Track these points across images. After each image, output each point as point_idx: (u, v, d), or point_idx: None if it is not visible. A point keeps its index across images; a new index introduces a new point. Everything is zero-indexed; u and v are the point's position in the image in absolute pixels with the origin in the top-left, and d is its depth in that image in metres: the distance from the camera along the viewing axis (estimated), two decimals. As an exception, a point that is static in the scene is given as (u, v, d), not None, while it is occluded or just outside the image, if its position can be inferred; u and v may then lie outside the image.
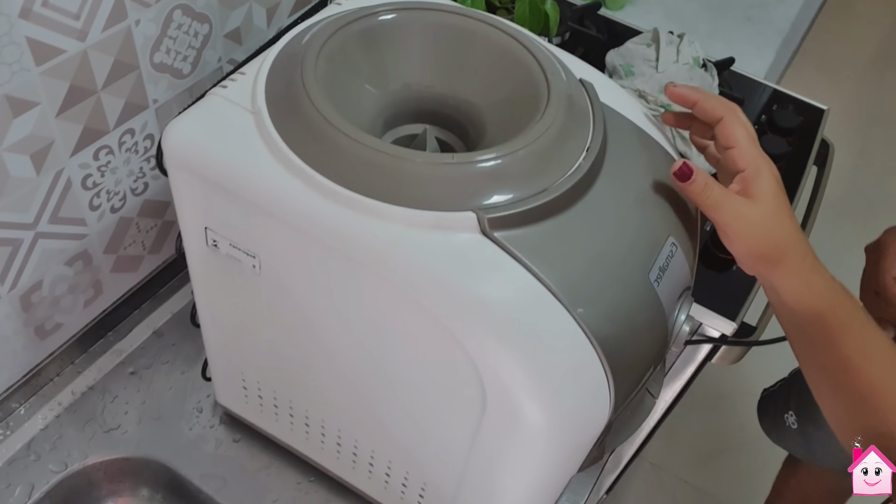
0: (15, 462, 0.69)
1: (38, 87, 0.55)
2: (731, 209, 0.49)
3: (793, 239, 0.50)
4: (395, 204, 0.44)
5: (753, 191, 0.49)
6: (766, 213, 0.49)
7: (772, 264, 0.50)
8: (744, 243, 0.50)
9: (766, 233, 0.49)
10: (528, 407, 0.47)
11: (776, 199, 0.50)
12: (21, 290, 0.64)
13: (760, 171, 0.50)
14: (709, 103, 0.51)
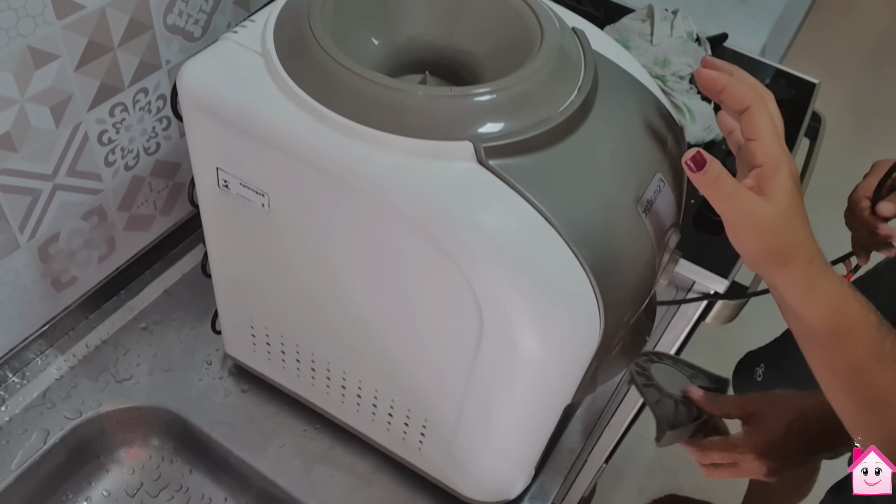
0: (31, 409, 0.72)
1: (59, 40, 0.58)
2: (742, 205, 0.47)
3: (802, 242, 0.48)
4: (395, 134, 0.47)
5: (768, 188, 0.47)
6: (777, 214, 0.47)
7: (777, 266, 0.49)
8: (750, 242, 0.48)
9: (776, 234, 0.47)
10: (522, 329, 0.49)
11: (791, 199, 0.47)
12: (39, 241, 0.67)
13: (779, 168, 0.47)
14: (738, 89, 0.48)
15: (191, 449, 0.76)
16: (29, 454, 0.69)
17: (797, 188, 0.48)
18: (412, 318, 0.55)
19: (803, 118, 1.05)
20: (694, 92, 0.98)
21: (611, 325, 0.51)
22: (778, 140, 0.48)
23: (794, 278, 0.49)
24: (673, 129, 0.57)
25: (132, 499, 0.75)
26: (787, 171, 0.47)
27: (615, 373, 0.61)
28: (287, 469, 0.71)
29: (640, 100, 0.56)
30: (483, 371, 0.54)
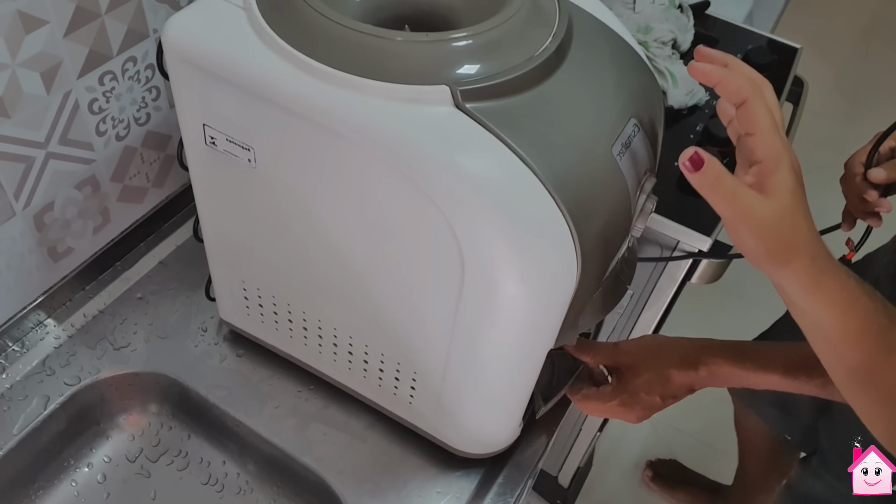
0: (31, 377, 0.73)
1: (48, 4, 0.60)
2: (742, 205, 0.45)
3: (804, 240, 0.47)
4: (374, 79, 0.48)
5: (768, 185, 0.46)
6: (778, 212, 0.46)
7: (780, 265, 0.48)
8: (752, 241, 0.47)
9: (777, 232, 0.46)
10: (502, 269, 0.51)
11: (792, 195, 0.46)
12: (34, 210, 0.69)
13: (779, 164, 0.46)
14: (734, 83, 0.46)
15: (189, 414, 0.78)
16: (30, 419, 0.71)
17: (799, 183, 0.47)
18: (397, 266, 0.56)
19: (785, 83, 1.07)
20: (676, 57, 1.00)
21: (588, 266, 0.53)
22: (777, 133, 0.46)
23: (799, 277, 0.48)
24: (646, 77, 0.59)
25: (132, 464, 0.77)
26: (788, 165, 0.46)
27: (597, 319, 0.63)
28: (282, 428, 0.73)
29: (614, 47, 0.58)
30: (466, 315, 0.56)
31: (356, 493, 0.69)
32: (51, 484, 0.74)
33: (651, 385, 0.67)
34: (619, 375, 0.70)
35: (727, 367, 0.65)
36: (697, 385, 0.66)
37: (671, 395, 0.67)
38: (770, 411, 1.15)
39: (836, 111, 2.46)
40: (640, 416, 0.69)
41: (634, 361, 0.69)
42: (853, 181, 0.81)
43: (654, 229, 0.88)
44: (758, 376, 0.64)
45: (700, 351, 0.66)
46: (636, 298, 0.97)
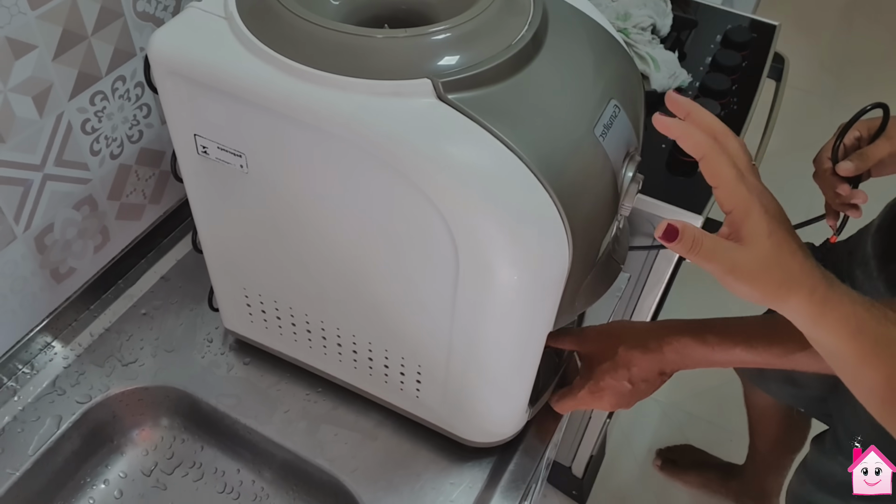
0: (42, 398, 0.74)
1: (35, 30, 0.61)
2: (723, 259, 0.46)
3: (797, 276, 0.47)
4: (357, 77, 0.49)
5: (744, 234, 0.47)
6: (760, 257, 0.47)
7: (779, 303, 0.48)
8: (744, 290, 0.48)
9: (765, 276, 0.47)
10: (494, 255, 0.52)
11: (770, 238, 0.47)
12: (35, 232, 0.70)
13: (749, 211, 0.47)
14: (691, 139, 0.47)
15: (200, 425, 0.79)
16: (44, 439, 0.72)
17: (778, 223, 0.47)
18: (393, 259, 0.57)
19: (765, 60, 1.08)
20: (657, 42, 1.01)
21: (580, 246, 0.54)
22: (741, 182, 0.47)
23: (801, 311, 0.48)
24: (624, 59, 0.60)
25: (148, 478, 0.78)
26: (759, 211, 0.47)
27: (593, 299, 0.64)
28: (294, 432, 0.74)
29: (590, 32, 0.59)
30: (464, 303, 0.56)
31: (371, 491, 0.70)
32: (69, 502, 0.75)
33: (616, 370, 0.67)
34: (587, 363, 0.70)
35: (691, 346, 0.64)
36: (666, 367, 0.66)
37: (641, 378, 0.66)
38: (779, 386, 1.15)
39: (823, 88, 2.48)
40: (612, 403, 0.68)
41: (598, 347, 0.69)
42: (824, 176, 0.82)
43: (645, 211, 0.89)
44: (721, 350, 0.64)
45: (662, 332, 0.66)
46: (633, 282, 0.98)
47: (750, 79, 1.04)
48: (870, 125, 0.81)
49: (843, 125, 0.80)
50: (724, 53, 1.05)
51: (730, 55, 1.04)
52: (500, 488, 0.71)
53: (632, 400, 0.68)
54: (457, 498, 0.70)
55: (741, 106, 1.01)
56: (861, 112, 0.79)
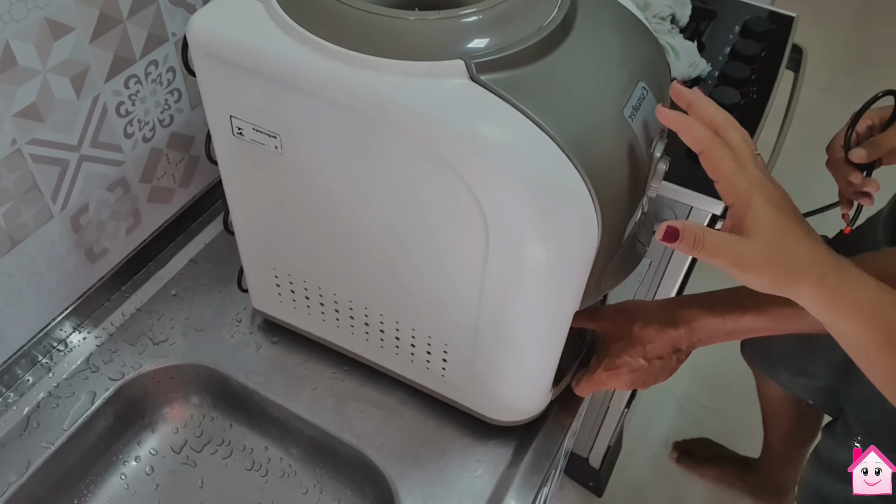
0: (76, 374, 0.76)
1: (73, 12, 0.63)
2: (727, 253, 0.47)
3: (806, 263, 0.47)
4: (391, 58, 0.51)
5: (747, 225, 0.47)
6: (765, 248, 0.47)
7: (789, 291, 0.48)
8: (752, 280, 0.48)
9: (773, 266, 0.47)
10: (525, 233, 0.53)
11: (775, 228, 0.47)
12: (71, 211, 0.72)
13: (750, 204, 0.47)
14: (691, 133, 0.48)
15: (229, 403, 0.81)
16: (79, 415, 0.73)
17: (780, 212, 0.47)
18: (423, 238, 0.59)
19: (784, 51, 1.08)
20: (676, 31, 1.02)
21: (608, 225, 0.55)
22: (741, 174, 0.47)
23: (811, 298, 0.48)
24: (651, 42, 0.61)
25: (178, 455, 0.79)
26: (761, 201, 0.47)
27: (619, 280, 0.65)
28: (321, 409, 0.75)
29: (618, 16, 0.60)
30: (493, 281, 0.58)
31: (398, 466, 0.71)
32: (101, 478, 0.77)
33: (632, 347, 0.68)
34: (602, 342, 0.71)
35: (702, 318, 0.65)
36: (681, 343, 0.67)
37: (655, 355, 0.67)
38: (789, 377, 1.16)
39: (838, 85, 2.47)
40: (629, 381, 0.69)
41: (613, 326, 0.70)
42: (837, 165, 0.82)
43: (666, 197, 0.90)
44: (733, 319, 0.64)
45: (674, 308, 0.67)
46: (654, 268, 0.99)
47: (769, 68, 1.05)
48: (882, 114, 0.81)
49: (855, 113, 0.81)
50: (744, 43, 1.05)
51: (749, 45, 1.05)
52: (524, 466, 0.73)
53: (648, 378, 0.69)
54: (482, 474, 0.72)
55: (760, 95, 1.01)
56: (872, 99, 0.80)
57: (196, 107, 0.81)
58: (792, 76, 1.11)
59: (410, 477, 0.71)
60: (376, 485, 0.74)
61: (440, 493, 0.70)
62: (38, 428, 0.72)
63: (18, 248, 0.68)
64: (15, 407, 0.73)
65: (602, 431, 1.32)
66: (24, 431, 0.72)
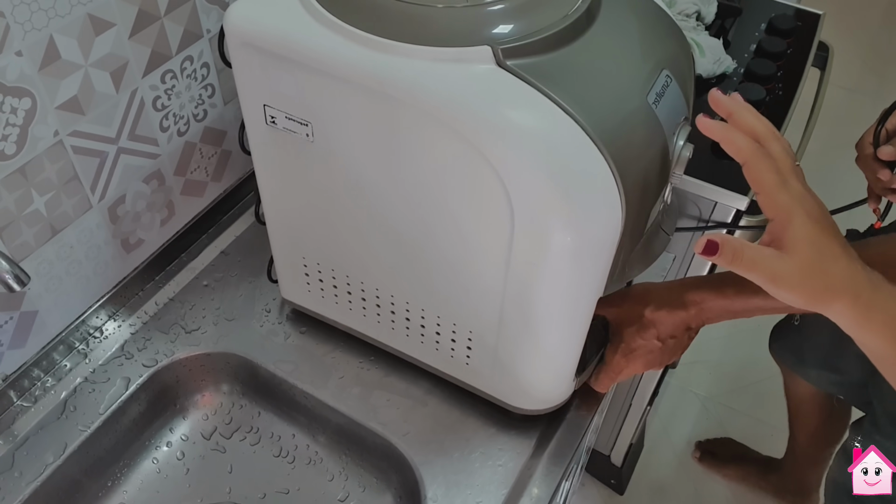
0: (112, 361, 0.79)
1: (114, 8, 0.65)
2: (764, 269, 0.47)
3: (841, 283, 0.47)
4: (420, 44, 0.52)
5: (785, 241, 0.47)
6: (803, 265, 0.47)
7: (822, 308, 0.48)
8: (786, 295, 0.48)
9: (808, 284, 0.47)
10: (550, 218, 0.54)
11: (813, 246, 0.47)
12: (109, 202, 0.74)
13: (791, 219, 0.47)
14: (734, 144, 0.48)
15: (258, 391, 0.82)
16: (114, 399, 0.76)
17: (821, 229, 0.47)
18: (450, 224, 0.60)
19: (810, 49, 1.09)
20: (701, 28, 1.02)
21: (632, 211, 0.56)
22: (783, 188, 0.47)
23: (844, 315, 0.48)
24: (674, 31, 0.62)
25: (208, 441, 0.81)
26: (802, 217, 0.47)
27: (643, 267, 0.66)
28: (348, 397, 0.77)
29: (642, 5, 0.61)
30: (518, 267, 0.59)
31: (422, 453, 0.73)
32: (134, 461, 0.79)
33: (645, 329, 0.69)
34: (614, 330, 0.72)
35: (711, 300, 0.67)
36: (692, 322, 0.68)
37: (668, 335, 0.69)
38: (818, 373, 1.15)
39: (864, 84, 2.45)
40: (646, 363, 0.70)
41: (624, 311, 0.71)
42: (866, 161, 0.83)
43: (690, 192, 0.91)
44: (741, 300, 0.65)
45: (683, 289, 0.68)
46: (678, 263, 1.00)
47: (795, 65, 1.05)
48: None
49: (885, 110, 0.81)
50: (770, 40, 1.06)
51: (775, 41, 1.05)
52: (547, 455, 0.74)
53: (663, 358, 0.71)
54: (505, 462, 0.73)
55: (786, 92, 1.01)
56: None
57: (229, 102, 0.84)
58: (818, 74, 1.11)
59: (435, 464, 0.72)
60: (401, 472, 0.75)
61: (464, 480, 0.71)
62: (74, 412, 0.75)
63: (59, 237, 0.71)
64: (53, 391, 0.76)
65: (624, 429, 1.32)
66: (61, 415, 0.74)
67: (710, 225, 0.94)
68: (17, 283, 0.56)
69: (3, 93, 0.60)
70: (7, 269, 0.56)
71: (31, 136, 0.63)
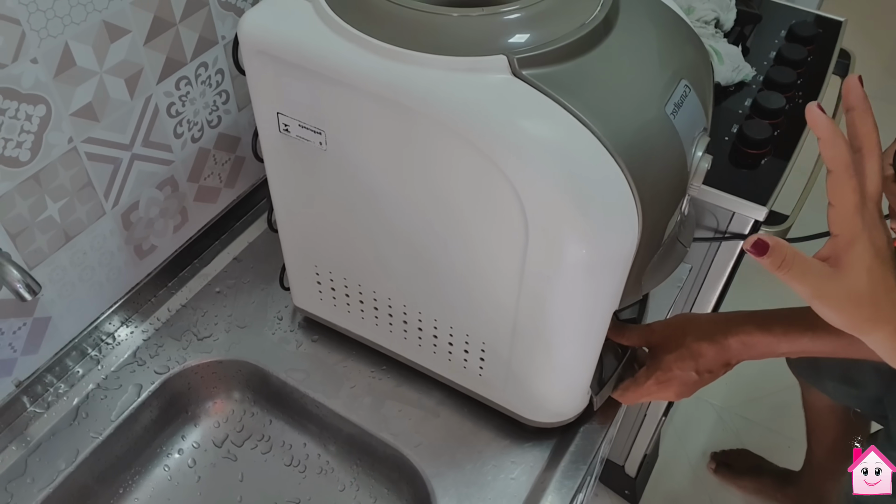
0: (124, 367, 0.78)
1: (129, 15, 0.65)
2: (813, 283, 0.45)
3: (886, 313, 0.46)
4: (435, 53, 0.51)
5: (843, 262, 0.45)
6: (854, 290, 0.45)
7: (861, 334, 0.47)
8: (829, 314, 0.47)
9: (854, 310, 0.46)
10: (565, 229, 0.53)
11: (870, 273, 0.45)
12: (122, 209, 0.74)
13: (855, 242, 0.45)
14: (829, 151, 0.45)
15: (270, 399, 0.82)
16: (125, 406, 0.75)
17: (880, 260, 0.46)
18: (463, 234, 0.59)
19: (831, 56, 1.07)
20: (720, 35, 1.01)
21: (648, 224, 0.55)
22: (859, 211, 0.45)
23: (884, 344, 0.48)
24: (693, 40, 0.61)
25: (220, 449, 0.81)
26: (866, 243, 0.45)
27: (659, 280, 0.65)
28: (359, 406, 0.76)
29: (660, 14, 0.60)
30: (532, 279, 0.58)
31: (434, 465, 0.72)
32: (145, 469, 0.79)
33: (683, 360, 0.68)
34: (653, 354, 0.72)
35: (756, 336, 0.65)
36: (732, 358, 0.67)
37: (706, 369, 0.68)
38: (836, 386, 1.14)
39: (886, 92, 2.42)
40: (678, 393, 0.70)
41: (665, 339, 0.70)
42: (886, 183, 0.81)
43: (708, 202, 0.89)
44: (787, 341, 0.64)
45: (728, 323, 0.67)
46: (694, 275, 0.98)
47: (816, 73, 1.04)
48: None
49: None
50: (790, 47, 1.04)
51: (795, 49, 1.03)
52: (561, 469, 0.73)
53: (695, 389, 0.70)
54: (518, 476, 0.72)
55: (807, 100, 1.00)
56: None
57: (243, 108, 0.84)
58: (839, 82, 1.10)
59: (446, 476, 0.71)
60: (412, 483, 0.74)
61: (475, 493, 0.70)
62: (86, 418, 0.75)
63: (72, 243, 0.71)
64: (65, 397, 0.76)
65: (639, 439, 1.31)
66: (73, 421, 0.74)
67: (727, 236, 0.93)
68: (29, 292, 0.56)
69: (18, 100, 0.60)
70: (19, 279, 0.55)
71: (45, 142, 0.63)
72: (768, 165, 0.92)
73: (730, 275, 0.97)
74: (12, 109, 0.59)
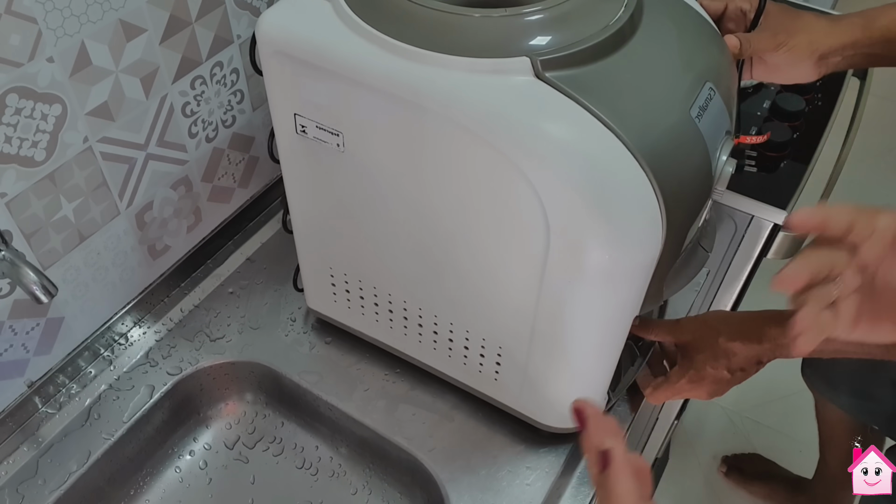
0: (136, 368, 0.78)
1: (145, 14, 0.64)
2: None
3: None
4: (456, 55, 0.51)
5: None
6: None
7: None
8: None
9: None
10: (587, 234, 0.52)
11: None
12: (136, 209, 0.74)
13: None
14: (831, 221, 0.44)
15: (282, 401, 0.81)
16: (138, 407, 0.75)
17: None
18: (483, 237, 0.58)
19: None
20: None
21: (672, 228, 0.54)
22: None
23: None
24: (717, 42, 0.60)
25: (231, 451, 0.80)
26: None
27: (681, 285, 0.64)
28: (373, 410, 0.75)
29: (684, 16, 0.59)
30: (552, 283, 0.57)
31: (448, 470, 0.71)
32: (157, 470, 0.78)
33: (716, 359, 0.67)
34: (684, 353, 0.71)
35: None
36: (764, 357, 0.66)
37: (739, 368, 0.67)
38: (850, 401, 1.12)
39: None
40: (710, 392, 0.69)
41: (697, 337, 0.69)
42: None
43: (728, 205, 0.88)
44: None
45: (762, 322, 0.66)
46: (712, 276, 0.97)
47: (835, 75, 1.02)
48: None
49: None
50: (809, 49, 1.03)
51: (815, 51, 1.02)
52: (577, 474, 0.72)
53: (728, 388, 0.69)
54: (533, 482, 0.71)
55: (826, 102, 0.99)
56: None
57: (258, 108, 0.83)
58: (857, 84, 1.08)
59: (461, 481, 0.71)
60: (426, 488, 0.73)
61: (491, 498, 0.70)
62: (98, 419, 0.74)
63: (86, 243, 0.70)
64: (78, 398, 0.75)
65: (650, 442, 1.29)
66: (85, 422, 0.74)
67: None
68: (45, 294, 0.55)
69: (33, 99, 0.59)
70: (35, 281, 0.55)
71: (60, 142, 0.63)
72: (788, 168, 0.91)
73: (747, 279, 0.96)
74: (28, 109, 0.59)
